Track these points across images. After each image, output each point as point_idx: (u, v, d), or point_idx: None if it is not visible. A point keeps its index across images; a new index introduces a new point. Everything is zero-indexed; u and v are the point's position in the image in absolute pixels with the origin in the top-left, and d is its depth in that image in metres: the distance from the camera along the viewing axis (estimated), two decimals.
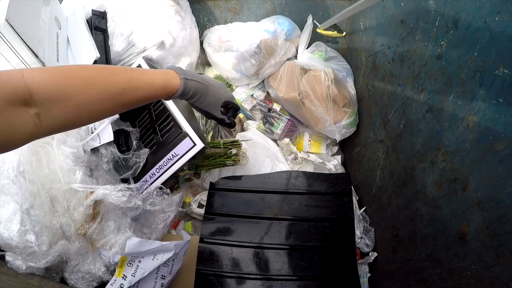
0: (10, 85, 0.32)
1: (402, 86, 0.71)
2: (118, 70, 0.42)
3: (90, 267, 0.71)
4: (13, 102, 0.32)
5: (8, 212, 0.59)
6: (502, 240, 0.43)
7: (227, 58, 1.12)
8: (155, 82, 0.46)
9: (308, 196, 0.95)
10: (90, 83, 0.38)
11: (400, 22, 0.70)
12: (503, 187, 0.42)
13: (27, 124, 0.33)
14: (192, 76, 0.51)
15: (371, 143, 0.92)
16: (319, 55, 1.08)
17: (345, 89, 1.05)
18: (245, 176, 1.00)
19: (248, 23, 1.15)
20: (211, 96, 0.55)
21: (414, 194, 0.65)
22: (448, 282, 0.55)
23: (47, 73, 0.36)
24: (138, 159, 0.80)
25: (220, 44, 1.14)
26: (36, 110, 0.34)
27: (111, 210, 0.73)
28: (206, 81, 0.54)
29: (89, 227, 0.68)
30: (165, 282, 0.74)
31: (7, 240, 0.59)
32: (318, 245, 0.87)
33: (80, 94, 0.37)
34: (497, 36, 0.42)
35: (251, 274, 0.82)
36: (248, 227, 0.89)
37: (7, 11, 0.62)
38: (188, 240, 0.78)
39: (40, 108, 0.34)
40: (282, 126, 1.17)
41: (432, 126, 0.59)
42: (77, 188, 0.67)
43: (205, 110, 0.56)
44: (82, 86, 0.37)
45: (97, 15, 0.97)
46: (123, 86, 0.41)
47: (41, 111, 0.34)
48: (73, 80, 0.37)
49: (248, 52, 1.07)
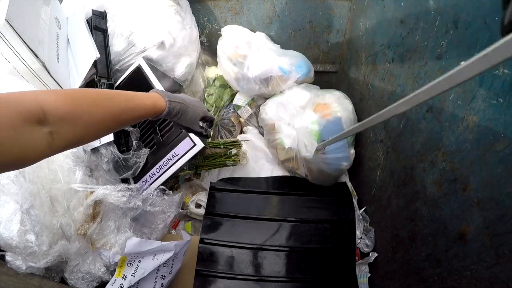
0: (26, 105, 0.35)
1: (402, 86, 0.71)
2: (116, 94, 0.48)
3: (90, 267, 0.71)
4: (29, 121, 0.34)
5: (8, 212, 0.59)
6: (502, 240, 0.43)
7: (234, 71, 1.11)
8: (146, 104, 0.52)
9: (308, 197, 0.96)
10: (95, 105, 0.43)
11: (400, 22, 0.70)
12: (503, 187, 0.42)
13: (41, 142, 0.36)
14: (174, 98, 0.59)
15: (371, 143, 0.92)
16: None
17: None
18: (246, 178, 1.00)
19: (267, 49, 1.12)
20: (191, 113, 0.62)
21: (414, 194, 0.65)
22: (448, 282, 0.55)
23: (59, 95, 0.40)
24: (138, 159, 0.80)
25: (234, 56, 1.12)
26: (49, 128, 0.37)
27: (111, 210, 0.73)
28: (185, 101, 0.61)
29: (89, 227, 0.68)
30: (165, 282, 0.74)
31: (7, 240, 0.59)
32: (318, 247, 0.87)
33: (88, 114, 0.41)
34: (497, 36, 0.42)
35: (250, 276, 0.82)
36: (249, 228, 0.89)
37: (7, 11, 0.62)
38: (188, 240, 0.78)
39: (53, 126, 0.37)
40: None
41: (432, 126, 0.59)
42: (77, 188, 0.67)
43: (186, 126, 0.63)
44: (89, 107, 0.42)
45: (97, 15, 0.97)
46: (122, 108, 0.46)
47: (53, 130, 0.37)
48: (82, 101, 0.41)
49: (256, 80, 1.08)
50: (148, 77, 0.91)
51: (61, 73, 0.78)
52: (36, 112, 0.35)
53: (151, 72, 0.92)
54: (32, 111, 0.35)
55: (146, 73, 0.92)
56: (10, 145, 0.33)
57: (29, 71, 0.70)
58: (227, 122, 1.23)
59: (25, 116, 0.34)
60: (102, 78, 0.90)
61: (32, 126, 0.35)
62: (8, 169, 0.36)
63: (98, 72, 0.90)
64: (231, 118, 1.23)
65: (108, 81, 0.90)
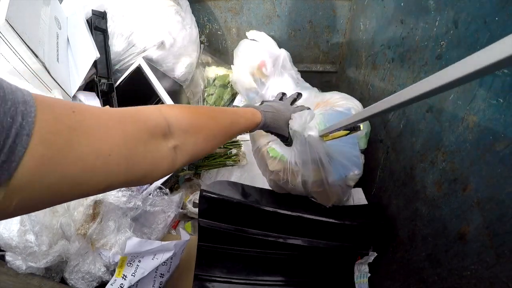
0: (152, 119, 0.34)
1: (402, 86, 0.71)
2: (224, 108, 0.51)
3: (90, 267, 0.71)
4: (156, 136, 0.33)
5: None
6: (502, 240, 0.43)
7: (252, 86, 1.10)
8: (248, 117, 0.55)
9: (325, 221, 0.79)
10: (213, 117, 0.44)
11: (400, 22, 0.70)
12: (503, 187, 0.42)
13: (167, 158, 0.35)
14: (265, 108, 0.62)
15: (371, 143, 0.92)
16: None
17: None
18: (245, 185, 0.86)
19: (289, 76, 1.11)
20: (281, 119, 0.65)
21: (414, 194, 0.65)
22: (448, 282, 0.55)
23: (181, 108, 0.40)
24: None
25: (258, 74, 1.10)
26: (174, 142, 0.36)
27: (111, 210, 0.73)
28: (275, 108, 0.64)
29: (89, 227, 0.68)
30: (163, 280, 0.74)
31: (7, 240, 0.59)
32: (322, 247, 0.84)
33: (207, 127, 0.42)
34: (497, 36, 0.42)
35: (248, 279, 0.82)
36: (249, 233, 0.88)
37: (7, 11, 0.62)
38: (187, 240, 0.78)
39: (177, 140, 0.36)
40: None
41: (432, 126, 0.59)
42: None
43: (279, 133, 0.66)
44: (208, 119, 0.43)
45: (97, 15, 0.97)
46: (231, 120, 0.49)
47: (178, 144, 0.36)
48: (201, 114, 0.42)
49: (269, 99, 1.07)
50: (148, 77, 0.91)
51: (61, 73, 0.78)
52: (163, 125, 0.35)
53: (151, 72, 0.92)
54: (159, 125, 0.34)
55: (146, 73, 0.92)
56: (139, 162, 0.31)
57: (29, 71, 0.70)
58: None
59: (153, 130, 0.33)
60: (102, 78, 0.90)
61: (158, 140, 0.34)
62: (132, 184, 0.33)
63: (98, 72, 0.90)
64: None
65: (108, 81, 0.90)
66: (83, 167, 0.25)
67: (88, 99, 0.83)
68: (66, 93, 0.77)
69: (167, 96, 0.87)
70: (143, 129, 0.32)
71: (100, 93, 0.87)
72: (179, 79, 1.08)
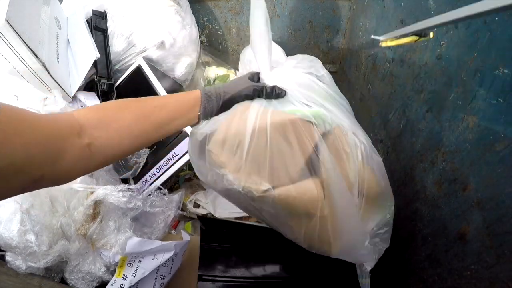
0: (66, 121, 0.38)
1: (402, 86, 0.71)
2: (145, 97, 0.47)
3: (91, 267, 0.71)
4: (72, 134, 0.37)
5: (8, 212, 0.59)
6: (502, 240, 0.43)
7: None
8: (178, 96, 0.50)
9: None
10: (124, 108, 0.44)
11: (400, 22, 0.70)
12: (503, 187, 0.42)
13: (83, 155, 0.38)
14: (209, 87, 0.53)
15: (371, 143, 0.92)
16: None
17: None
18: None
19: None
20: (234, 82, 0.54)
21: (414, 194, 0.65)
22: (448, 282, 0.55)
23: (90, 108, 0.43)
24: (138, 159, 0.80)
25: None
26: (87, 140, 0.39)
27: (112, 210, 0.72)
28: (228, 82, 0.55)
29: (89, 227, 0.68)
30: (164, 281, 0.74)
31: (7, 240, 0.59)
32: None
33: (118, 118, 0.42)
34: (497, 36, 0.42)
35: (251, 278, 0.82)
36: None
37: (7, 11, 0.62)
38: (187, 240, 0.78)
39: (90, 137, 0.39)
40: None
41: (432, 126, 0.59)
42: (78, 188, 0.67)
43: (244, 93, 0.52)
44: (118, 111, 0.43)
45: (97, 15, 0.97)
46: (154, 105, 0.46)
47: (90, 142, 0.39)
48: (109, 109, 0.43)
49: None
50: (148, 77, 0.91)
51: (61, 73, 0.78)
52: (75, 126, 0.38)
53: (151, 72, 0.92)
54: (72, 125, 0.38)
55: (146, 73, 0.92)
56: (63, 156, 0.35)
57: (29, 71, 0.70)
58: None
59: (70, 130, 0.37)
60: (102, 78, 0.90)
61: (75, 139, 0.37)
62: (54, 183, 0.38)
63: (98, 72, 0.90)
64: None
65: (108, 81, 0.90)
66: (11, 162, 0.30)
67: (88, 99, 0.83)
68: (66, 93, 0.77)
69: None
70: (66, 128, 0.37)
71: (100, 93, 0.87)
72: (179, 79, 1.08)
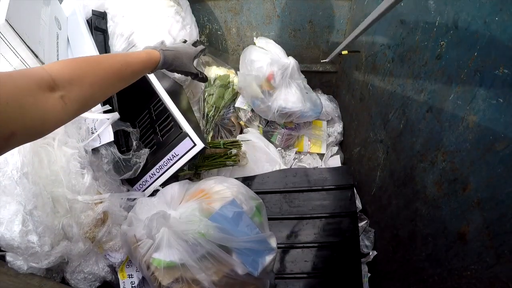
0: (37, 75, 0.39)
1: (402, 86, 0.71)
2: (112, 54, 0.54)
3: (94, 268, 0.71)
4: (43, 88, 0.38)
5: (9, 213, 0.59)
6: (502, 240, 0.43)
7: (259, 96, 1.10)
8: (141, 57, 0.57)
9: (308, 193, 0.95)
10: (96, 64, 0.47)
11: (400, 22, 0.70)
12: (503, 187, 0.42)
13: (56, 107, 0.39)
14: (166, 47, 0.64)
15: (371, 143, 0.92)
16: None
17: None
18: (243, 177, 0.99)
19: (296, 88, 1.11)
20: (184, 56, 0.68)
21: (414, 194, 0.65)
22: (448, 282, 0.55)
23: (62, 62, 0.44)
24: (138, 159, 0.80)
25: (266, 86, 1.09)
26: (60, 93, 0.40)
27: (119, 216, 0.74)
28: (176, 47, 0.68)
29: (98, 231, 0.68)
30: None
31: (9, 241, 0.59)
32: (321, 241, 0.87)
33: (91, 73, 0.46)
34: (497, 36, 0.42)
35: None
36: None
37: (7, 11, 0.62)
38: None
39: (63, 90, 0.41)
40: (280, 138, 1.20)
41: (432, 126, 0.59)
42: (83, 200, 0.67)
43: (184, 70, 0.68)
44: (92, 67, 0.46)
45: (97, 15, 0.97)
46: (121, 63, 0.51)
47: (64, 94, 0.41)
48: (84, 64, 0.46)
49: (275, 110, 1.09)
50: (148, 77, 0.91)
51: None
52: (47, 79, 0.39)
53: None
54: (44, 79, 0.39)
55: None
56: (32, 111, 0.36)
57: None
58: (227, 122, 1.23)
59: (40, 84, 0.38)
60: None
61: (46, 93, 0.38)
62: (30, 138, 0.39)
63: None
64: (231, 118, 1.23)
65: None
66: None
67: None
68: None
69: (167, 96, 0.87)
70: (32, 83, 0.37)
71: None
72: (179, 79, 1.08)
